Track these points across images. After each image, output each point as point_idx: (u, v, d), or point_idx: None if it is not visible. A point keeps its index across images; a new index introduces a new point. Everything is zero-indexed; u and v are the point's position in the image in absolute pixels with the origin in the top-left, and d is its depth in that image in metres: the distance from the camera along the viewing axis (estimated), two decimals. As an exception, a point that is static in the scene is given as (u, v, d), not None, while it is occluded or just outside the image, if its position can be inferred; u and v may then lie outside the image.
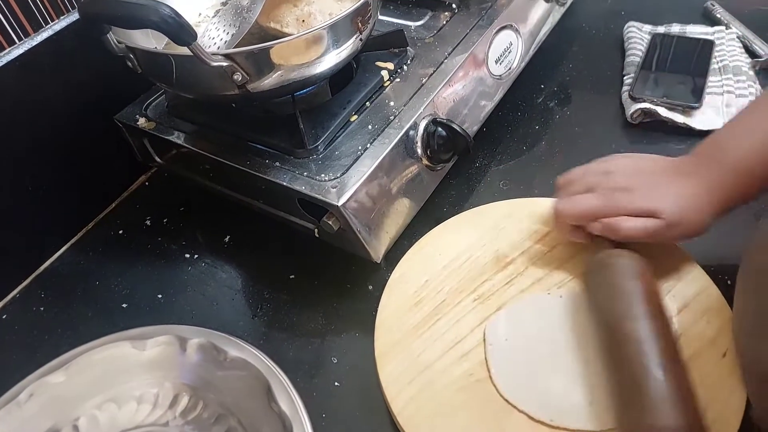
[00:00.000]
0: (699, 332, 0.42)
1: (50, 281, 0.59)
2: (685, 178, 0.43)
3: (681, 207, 0.42)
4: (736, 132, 0.43)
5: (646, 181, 0.44)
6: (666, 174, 0.44)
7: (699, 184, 0.42)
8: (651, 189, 0.43)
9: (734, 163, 0.42)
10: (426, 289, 0.48)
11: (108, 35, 0.44)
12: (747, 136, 0.42)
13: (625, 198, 0.43)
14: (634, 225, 0.43)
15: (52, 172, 0.59)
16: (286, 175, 0.49)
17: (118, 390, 0.43)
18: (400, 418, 0.41)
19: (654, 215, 0.42)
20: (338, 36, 0.46)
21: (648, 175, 0.45)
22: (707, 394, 0.38)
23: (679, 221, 0.42)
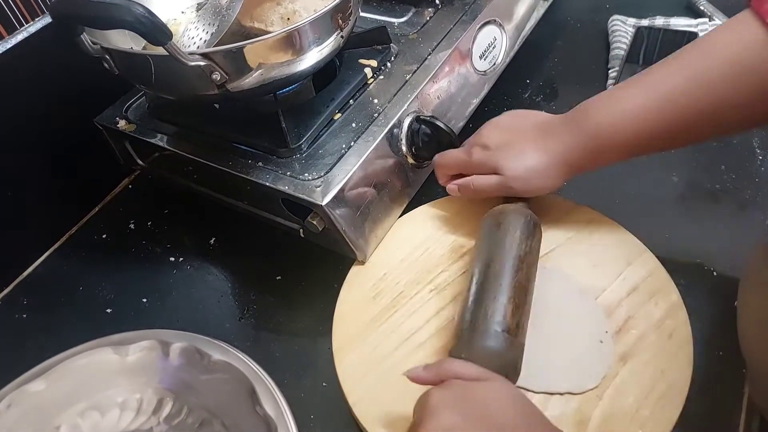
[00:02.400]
0: (647, 313, 0.44)
1: (33, 287, 0.58)
2: (544, 137, 0.46)
3: (525, 167, 0.46)
4: (604, 101, 0.45)
5: (506, 139, 0.47)
6: (529, 132, 0.47)
7: (555, 145, 0.45)
8: (505, 147, 0.47)
9: (594, 128, 0.44)
10: (384, 282, 0.49)
11: (82, 36, 0.43)
12: (611, 105, 0.44)
13: (481, 155, 0.48)
14: (480, 182, 0.48)
15: (32, 177, 0.58)
16: (269, 175, 0.49)
17: (101, 397, 0.42)
18: (355, 409, 0.41)
19: (497, 172, 0.47)
20: (318, 33, 0.46)
21: (513, 132, 0.48)
22: (656, 371, 0.41)
23: (520, 178, 0.46)
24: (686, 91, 0.40)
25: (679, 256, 0.49)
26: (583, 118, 0.45)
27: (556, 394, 0.40)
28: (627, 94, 0.43)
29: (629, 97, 0.43)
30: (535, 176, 0.46)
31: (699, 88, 0.39)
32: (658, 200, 0.54)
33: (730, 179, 0.55)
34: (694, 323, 0.43)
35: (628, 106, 0.42)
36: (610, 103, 0.44)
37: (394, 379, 0.42)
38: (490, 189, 0.47)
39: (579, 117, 0.45)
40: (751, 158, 0.56)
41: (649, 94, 0.41)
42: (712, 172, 0.56)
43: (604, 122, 0.43)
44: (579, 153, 0.45)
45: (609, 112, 0.43)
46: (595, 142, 0.44)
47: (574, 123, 0.45)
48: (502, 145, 0.47)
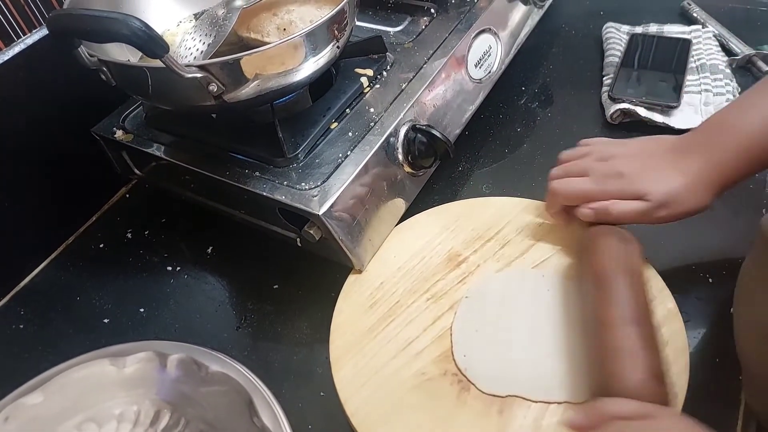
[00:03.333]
0: None
1: (30, 298, 0.58)
2: (683, 157, 0.44)
3: (671, 188, 0.43)
4: (742, 108, 0.43)
5: (640, 165, 0.45)
6: (664, 154, 0.45)
7: (697, 163, 0.43)
8: (643, 172, 0.45)
9: (738, 138, 0.42)
10: (380, 291, 0.49)
11: (79, 49, 0.43)
12: (752, 112, 0.42)
13: (617, 183, 0.45)
14: (622, 208, 0.44)
15: (29, 187, 0.58)
16: (266, 185, 0.49)
17: (98, 409, 0.42)
18: (353, 419, 0.41)
19: (642, 198, 0.44)
20: (315, 44, 0.46)
21: (646, 158, 0.46)
22: None
23: (668, 202, 0.43)
24: None
25: (674, 264, 0.49)
26: (724, 128, 0.43)
27: (554, 403, 0.40)
28: (757, 98, 0.42)
29: (760, 100, 0.42)
30: (679, 200, 0.43)
31: None
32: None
33: (724, 186, 0.55)
34: (690, 331, 0.43)
35: (761, 109, 0.41)
36: (750, 111, 0.42)
37: (392, 388, 0.42)
38: (633, 216, 0.44)
39: (719, 129, 0.43)
40: (745, 165, 0.56)
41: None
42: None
43: (741, 131, 0.42)
44: (722, 168, 0.42)
45: (754, 118, 0.42)
46: (745, 153, 0.42)
47: (716, 136, 0.43)
48: (640, 172, 0.45)
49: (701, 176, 0.43)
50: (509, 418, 0.40)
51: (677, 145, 0.45)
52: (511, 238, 0.50)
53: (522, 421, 0.39)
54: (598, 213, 0.45)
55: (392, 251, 0.52)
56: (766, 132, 0.41)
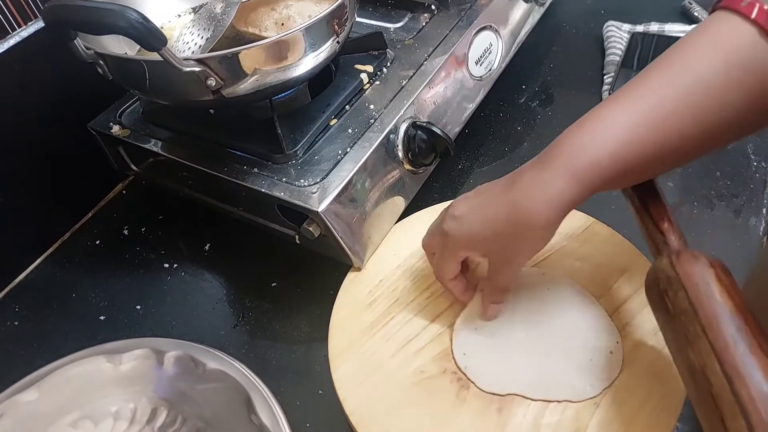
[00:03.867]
0: (644, 321, 0.43)
1: (25, 294, 0.57)
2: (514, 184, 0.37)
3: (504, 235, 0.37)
4: (583, 131, 0.36)
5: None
6: (496, 191, 0.39)
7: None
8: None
9: (575, 167, 0.35)
10: (380, 289, 0.48)
11: (75, 41, 0.42)
12: (592, 137, 0.35)
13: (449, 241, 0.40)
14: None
15: (25, 183, 0.57)
16: (265, 182, 0.48)
17: (94, 406, 0.42)
18: (352, 417, 0.41)
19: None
20: (314, 39, 0.46)
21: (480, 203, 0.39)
22: (653, 378, 0.40)
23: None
24: (678, 98, 0.33)
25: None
26: (557, 156, 0.36)
27: (554, 402, 0.40)
28: (605, 116, 0.35)
29: (608, 119, 0.35)
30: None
31: (696, 93, 0.33)
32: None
33: (725, 185, 0.55)
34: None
35: (609, 130, 0.34)
36: (586, 132, 0.36)
37: (391, 386, 0.42)
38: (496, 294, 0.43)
39: (553, 155, 0.37)
40: (745, 164, 0.56)
41: (632, 111, 0.34)
42: (707, 178, 0.56)
43: (584, 157, 0.35)
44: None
45: (586, 142, 0.35)
46: (576, 178, 0.35)
47: (547, 163, 0.36)
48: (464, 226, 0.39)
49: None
50: (509, 416, 0.39)
51: (511, 175, 0.39)
52: None
53: (521, 420, 0.39)
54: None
55: (392, 249, 0.51)
56: (602, 158, 0.34)
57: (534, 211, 0.36)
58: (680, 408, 0.39)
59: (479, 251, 0.40)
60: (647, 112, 0.34)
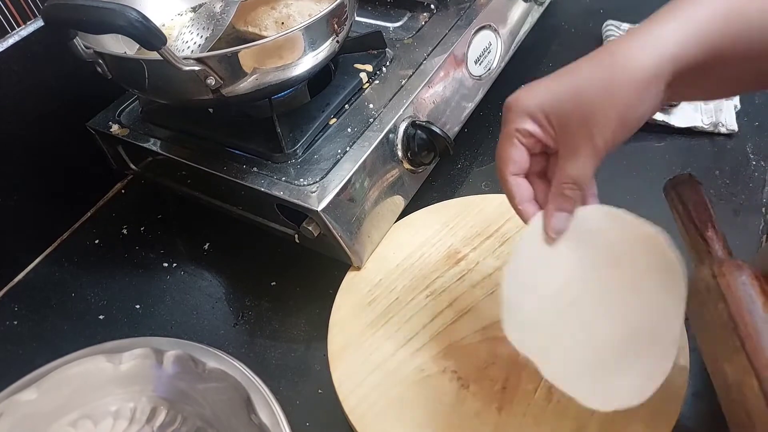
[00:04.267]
0: None
1: (24, 294, 0.57)
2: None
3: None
4: (639, 38, 0.32)
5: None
6: None
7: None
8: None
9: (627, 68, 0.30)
10: (379, 288, 0.48)
11: (75, 40, 0.42)
12: (646, 42, 0.31)
13: None
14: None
15: (24, 182, 0.57)
16: (264, 181, 0.48)
17: (94, 406, 0.42)
18: (351, 417, 0.41)
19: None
20: (314, 38, 0.46)
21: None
22: None
23: None
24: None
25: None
26: (609, 57, 0.31)
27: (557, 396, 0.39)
28: (659, 26, 0.31)
29: (663, 28, 0.30)
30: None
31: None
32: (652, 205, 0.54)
33: (724, 185, 0.55)
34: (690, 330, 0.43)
35: (662, 38, 0.30)
36: (641, 38, 0.31)
37: (390, 385, 0.42)
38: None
39: (605, 56, 0.31)
40: (744, 163, 0.56)
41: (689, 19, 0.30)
42: (706, 177, 0.56)
43: (637, 59, 0.30)
44: None
45: (641, 47, 0.30)
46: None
47: (599, 62, 0.31)
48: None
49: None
50: (508, 415, 0.39)
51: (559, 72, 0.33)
52: (510, 236, 0.50)
53: (521, 420, 0.39)
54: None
55: (391, 248, 0.51)
56: (658, 62, 0.30)
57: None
58: (680, 407, 0.39)
59: (547, 121, 0.31)
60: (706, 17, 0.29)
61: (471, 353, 0.43)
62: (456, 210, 0.53)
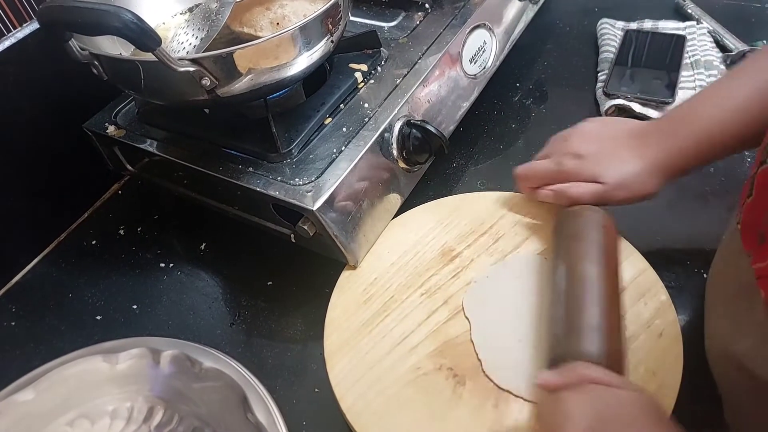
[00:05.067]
0: (637, 313, 0.44)
1: (21, 295, 0.57)
2: (641, 143, 0.45)
3: (625, 173, 0.45)
4: (706, 100, 0.44)
5: (599, 147, 0.46)
6: (623, 139, 0.46)
7: (653, 151, 0.44)
8: (600, 155, 0.46)
9: (693, 128, 0.43)
10: (375, 287, 0.48)
11: (70, 42, 0.43)
12: (715, 104, 0.43)
13: (574, 164, 0.46)
14: (578, 191, 0.46)
15: (20, 183, 0.57)
16: (260, 181, 0.48)
17: (91, 406, 0.42)
18: (348, 415, 0.41)
19: (597, 181, 0.45)
20: (309, 38, 0.46)
21: (605, 140, 0.47)
22: (647, 371, 0.40)
23: (620, 186, 0.45)
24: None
25: (669, 259, 0.49)
26: (678, 121, 0.44)
27: None
28: (724, 90, 0.43)
29: (726, 93, 0.42)
30: (635, 183, 0.45)
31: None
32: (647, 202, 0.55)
33: (719, 182, 0.55)
34: (685, 325, 0.44)
35: (726, 102, 0.42)
36: (713, 103, 0.43)
37: (387, 383, 0.42)
38: (588, 197, 0.46)
39: (674, 121, 0.45)
40: (739, 161, 0.57)
41: (747, 85, 0.41)
42: (701, 174, 0.56)
43: (704, 122, 0.43)
44: (677, 156, 0.44)
45: (716, 111, 0.43)
46: (695, 144, 0.43)
47: (673, 126, 0.45)
48: (597, 154, 0.46)
49: (655, 163, 0.44)
50: (504, 412, 0.40)
51: (637, 131, 0.47)
52: (504, 233, 0.50)
53: (517, 416, 0.39)
54: (556, 194, 0.47)
55: (386, 246, 0.51)
56: (719, 124, 0.42)
57: (652, 185, 0.45)
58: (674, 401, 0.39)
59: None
60: (754, 89, 0.41)
61: (466, 350, 0.43)
62: (450, 208, 0.54)
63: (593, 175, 0.45)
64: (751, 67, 0.43)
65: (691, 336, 0.44)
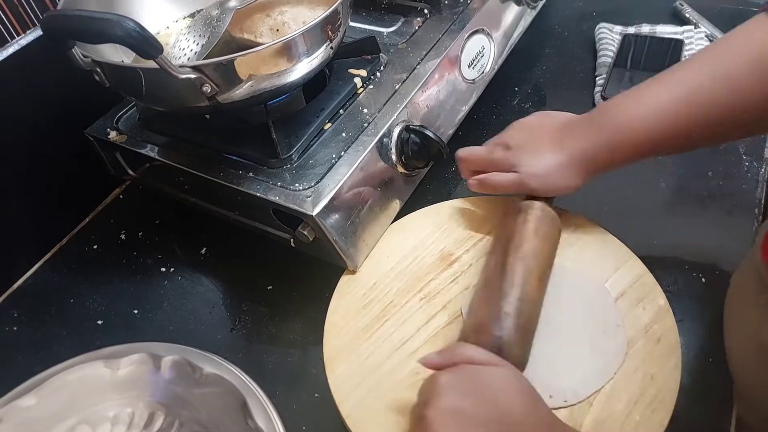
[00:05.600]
0: (635, 318, 0.44)
1: (23, 300, 0.58)
2: (564, 137, 0.46)
3: (542, 165, 0.46)
4: (627, 98, 0.44)
5: (526, 139, 0.48)
6: (550, 131, 0.47)
7: (574, 144, 0.45)
8: (526, 146, 0.47)
9: (615, 124, 0.44)
10: (374, 292, 0.49)
11: (73, 50, 0.43)
12: (634, 101, 0.43)
13: (501, 154, 0.48)
14: (497, 179, 0.48)
15: (23, 189, 0.58)
16: (260, 186, 0.49)
17: (92, 411, 0.42)
18: (348, 420, 0.41)
19: (515, 170, 0.47)
20: (308, 44, 0.46)
21: (534, 132, 0.48)
22: (645, 376, 0.41)
23: (536, 176, 0.46)
24: (708, 88, 0.40)
25: (667, 263, 0.50)
26: (604, 115, 0.45)
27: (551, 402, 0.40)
28: (650, 91, 0.43)
29: (652, 93, 0.42)
30: (551, 175, 0.46)
31: (721, 85, 0.39)
32: (645, 207, 0.55)
33: (717, 186, 0.56)
34: (684, 330, 0.44)
35: (651, 101, 0.42)
36: (633, 100, 0.44)
37: (386, 388, 0.42)
38: (507, 186, 0.47)
39: (600, 115, 0.45)
40: (737, 165, 0.57)
41: (672, 90, 0.41)
42: (700, 178, 0.56)
43: (626, 117, 0.43)
44: (598, 151, 0.44)
45: (632, 108, 0.43)
46: (617, 138, 0.43)
47: (595, 121, 0.45)
48: (523, 145, 0.47)
49: (574, 157, 0.45)
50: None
51: (566, 123, 0.47)
52: None
53: (516, 420, 0.40)
54: (480, 182, 0.49)
55: (385, 251, 0.52)
56: (643, 123, 0.42)
57: (570, 178, 0.45)
58: (672, 405, 0.39)
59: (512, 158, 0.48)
60: (680, 95, 0.41)
61: (465, 355, 0.43)
62: (449, 212, 0.54)
63: (513, 165, 0.47)
64: (680, 71, 0.42)
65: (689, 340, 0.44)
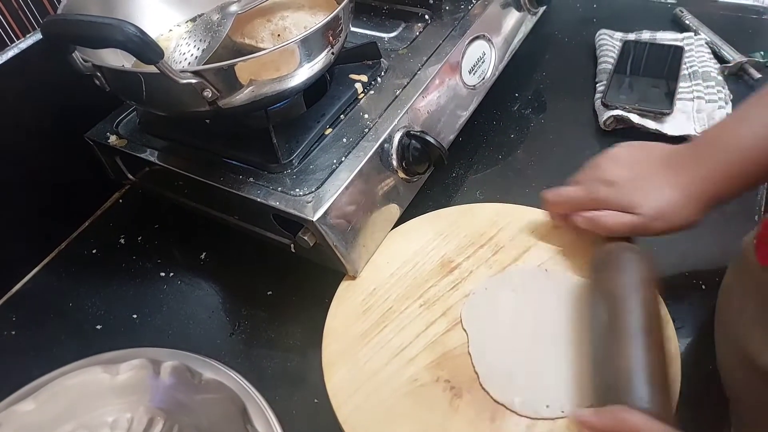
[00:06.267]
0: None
1: (22, 304, 0.57)
2: (674, 170, 0.43)
3: (661, 203, 0.42)
4: (735, 123, 0.42)
5: (631, 174, 0.44)
6: (656, 166, 0.44)
7: (688, 178, 0.42)
8: (634, 183, 0.44)
9: (729, 154, 0.41)
10: (374, 297, 0.49)
11: (74, 54, 0.43)
12: (744, 126, 0.41)
13: (606, 191, 0.44)
14: (615, 221, 0.44)
15: (22, 192, 0.58)
16: (261, 191, 0.49)
17: (91, 416, 0.42)
18: (345, 426, 0.41)
19: (632, 211, 0.43)
20: (309, 50, 0.46)
21: (637, 167, 0.45)
22: None
23: (658, 217, 0.42)
24: None
25: (667, 270, 0.49)
26: (715, 144, 0.42)
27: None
28: (756, 111, 0.40)
29: (758, 112, 0.40)
30: (672, 214, 0.42)
31: None
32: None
33: (716, 192, 0.55)
34: (683, 338, 0.44)
35: (756, 120, 0.40)
36: (744, 123, 0.41)
37: (384, 395, 0.42)
38: (625, 228, 0.43)
39: (710, 144, 0.42)
40: (736, 171, 0.57)
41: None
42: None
43: (744, 144, 0.40)
44: (717, 182, 0.41)
45: (746, 132, 0.40)
46: (737, 167, 0.41)
47: (709, 149, 0.42)
48: (631, 181, 0.44)
49: (692, 191, 0.42)
50: (501, 425, 0.40)
51: (668, 156, 0.44)
52: (504, 245, 0.51)
53: (514, 429, 0.39)
54: (590, 221, 0.45)
55: (385, 257, 0.52)
56: (757, 147, 0.40)
57: (691, 215, 0.42)
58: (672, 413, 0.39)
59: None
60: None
61: (464, 363, 0.43)
62: (450, 219, 0.54)
63: (629, 205, 0.43)
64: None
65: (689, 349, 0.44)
